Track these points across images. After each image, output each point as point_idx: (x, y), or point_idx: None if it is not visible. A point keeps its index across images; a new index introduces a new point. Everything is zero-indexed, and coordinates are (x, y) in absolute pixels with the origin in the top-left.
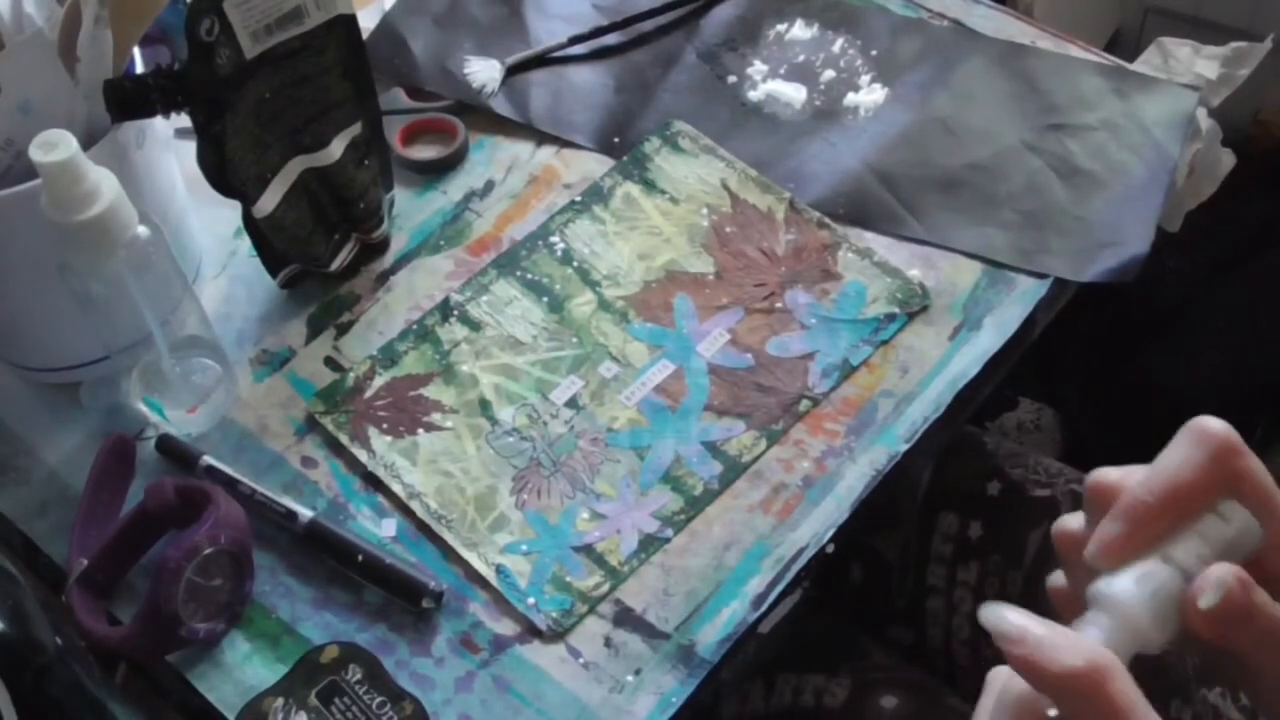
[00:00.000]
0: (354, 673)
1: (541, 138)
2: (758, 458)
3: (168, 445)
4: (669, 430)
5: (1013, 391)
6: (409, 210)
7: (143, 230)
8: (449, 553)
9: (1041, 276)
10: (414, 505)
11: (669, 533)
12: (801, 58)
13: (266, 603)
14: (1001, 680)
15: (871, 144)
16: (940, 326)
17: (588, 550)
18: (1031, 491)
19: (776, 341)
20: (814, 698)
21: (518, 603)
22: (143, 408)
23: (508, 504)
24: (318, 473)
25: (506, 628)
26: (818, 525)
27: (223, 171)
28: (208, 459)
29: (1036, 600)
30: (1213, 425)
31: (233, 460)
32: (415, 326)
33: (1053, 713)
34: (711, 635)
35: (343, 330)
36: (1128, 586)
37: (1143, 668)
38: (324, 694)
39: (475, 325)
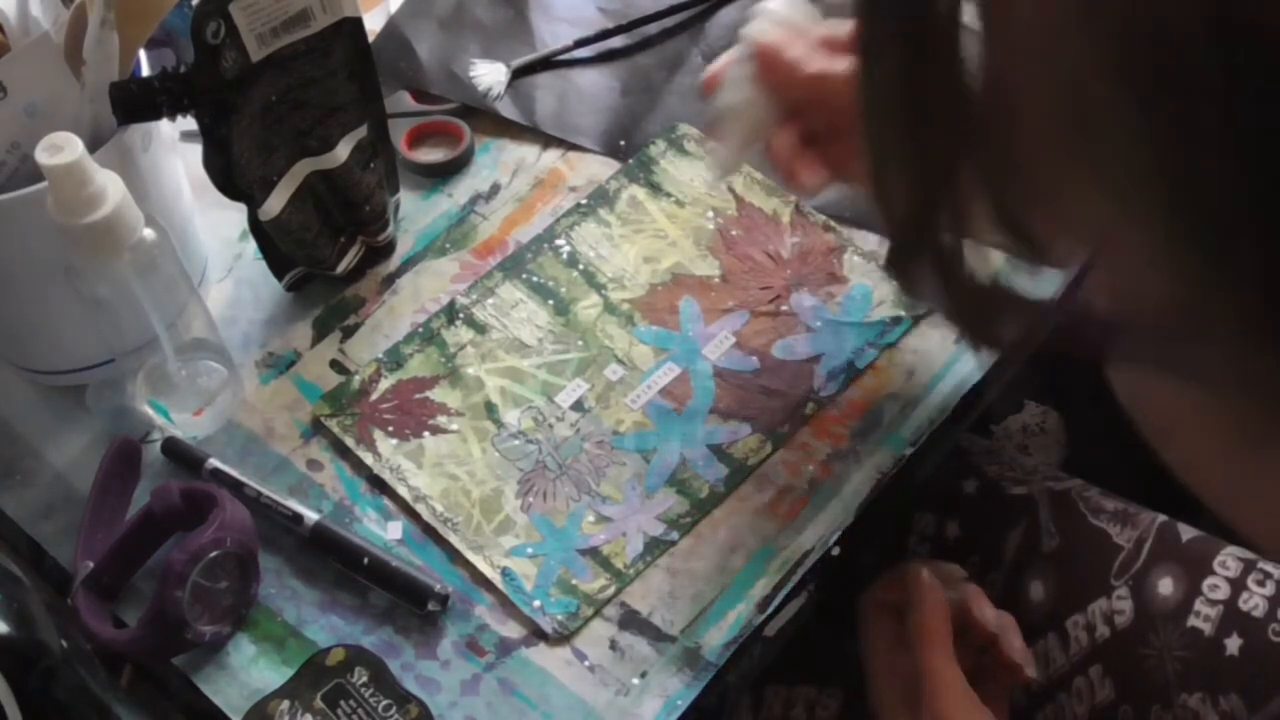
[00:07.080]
0: (359, 675)
1: (547, 141)
2: (763, 461)
3: (173, 448)
4: (675, 433)
5: (1018, 394)
6: (414, 213)
7: (148, 233)
8: (454, 555)
9: None
10: (419, 508)
11: (675, 536)
12: None
13: (272, 605)
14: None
15: None
16: (946, 329)
17: (593, 553)
18: (1009, 489)
19: (782, 344)
20: (806, 711)
21: (523, 605)
22: (148, 410)
23: (513, 507)
24: (323, 475)
25: (512, 630)
26: (823, 528)
27: (228, 174)
28: (213, 462)
29: (1017, 602)
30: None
31: (238, 463)
32: (421, 329)
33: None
34: (717, 638)
35: (348, 333)
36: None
37: (1122, 673)
38: (329, 697)
39: (481, 328)
